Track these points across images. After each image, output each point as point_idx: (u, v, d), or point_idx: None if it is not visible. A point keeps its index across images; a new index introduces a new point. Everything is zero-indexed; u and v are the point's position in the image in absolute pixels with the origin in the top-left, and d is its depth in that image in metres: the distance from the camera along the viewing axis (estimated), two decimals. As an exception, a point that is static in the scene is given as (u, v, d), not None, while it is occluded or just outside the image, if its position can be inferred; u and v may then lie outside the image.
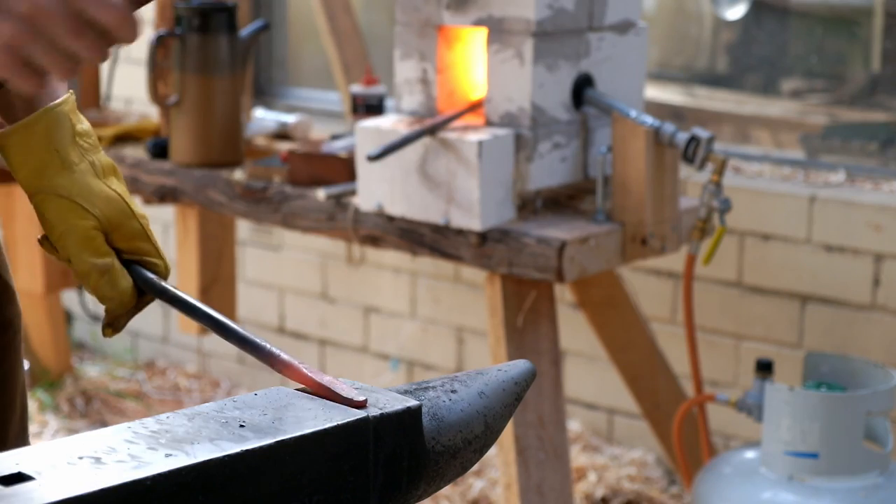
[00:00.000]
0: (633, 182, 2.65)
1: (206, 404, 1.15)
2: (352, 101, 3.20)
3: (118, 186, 1.35)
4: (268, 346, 1.23)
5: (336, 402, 1.16)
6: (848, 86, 3.79)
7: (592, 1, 2.74)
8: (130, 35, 1.09)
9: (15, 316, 1.48)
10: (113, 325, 1.37)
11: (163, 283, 1.34)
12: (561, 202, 2.81)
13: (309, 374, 1.19)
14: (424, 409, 1.20)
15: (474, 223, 2.63)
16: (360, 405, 1.15)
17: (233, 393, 4.34)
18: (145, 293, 1.35)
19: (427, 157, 2.66)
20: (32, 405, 4.09)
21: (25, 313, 2.37)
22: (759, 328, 3.38)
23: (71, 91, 1.37)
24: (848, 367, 2.78)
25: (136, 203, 1.36)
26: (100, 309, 4.40)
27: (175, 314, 4.39)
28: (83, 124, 1.35)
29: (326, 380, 1.18)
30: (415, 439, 1.17)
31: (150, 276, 1.34)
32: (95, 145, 1.35)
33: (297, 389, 1.20)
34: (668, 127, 2.67)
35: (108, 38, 1.09)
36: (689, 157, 2.68)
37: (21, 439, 1.50)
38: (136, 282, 1.34)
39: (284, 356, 1.21)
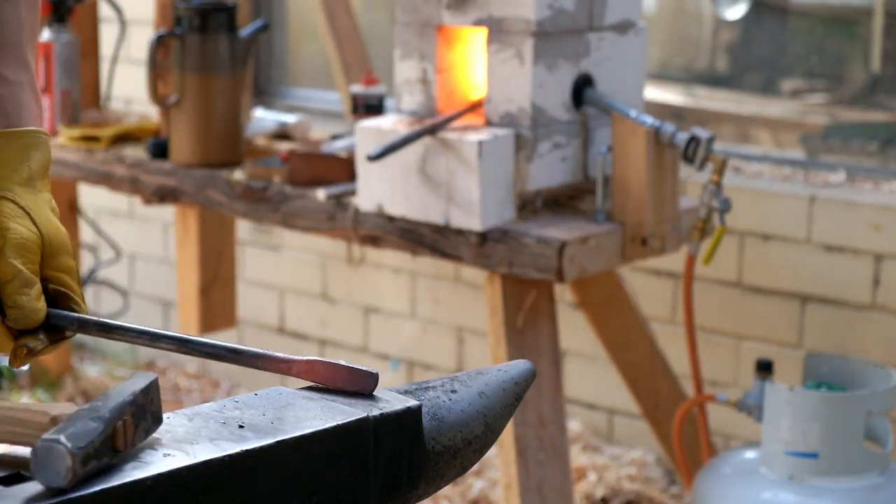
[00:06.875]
0: (633, 182, 2.65)
1: (206, 404, 1.15)
2: (352, 101, 3.20)
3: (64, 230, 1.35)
4: (250, 349, 1.21)
5: (346, 382, 1.16)
6: (848, 86, 3.79)
7: (592, 1, 2.74)
8: None
9: None
10: (17, 354, 1.32)
11: (83, 316, 1.30)
12: (561, 202, 2.81)
13: (312, 360, 1.17)
14: (424, 409, 1.20)
15: (474, 223, 2.63)
16: (373, 379, 1.16)
17: (233, 393, 4.34)
18: (61, 331, 1.33)
19: (427, 157, 2.66)
20: (32, 405, 4.08)
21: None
22: (759, 328, 3.38)
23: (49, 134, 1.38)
24: (848, 367, 2.78)
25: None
26: (99, 307, 4.40)
27: (175, 313, 4.39)
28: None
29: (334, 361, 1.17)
30: (415, 439, 1.17)
31: (67, 313, 1.31)
32: (50, 191, 1.36)
33: (300, 388, 1.20)
34: (668, 127, 2.67)
35: None
36: (689, 157, 2.68)
37: None
38: (53, 320, 1.31)
39: (276, 354, 1.20)
